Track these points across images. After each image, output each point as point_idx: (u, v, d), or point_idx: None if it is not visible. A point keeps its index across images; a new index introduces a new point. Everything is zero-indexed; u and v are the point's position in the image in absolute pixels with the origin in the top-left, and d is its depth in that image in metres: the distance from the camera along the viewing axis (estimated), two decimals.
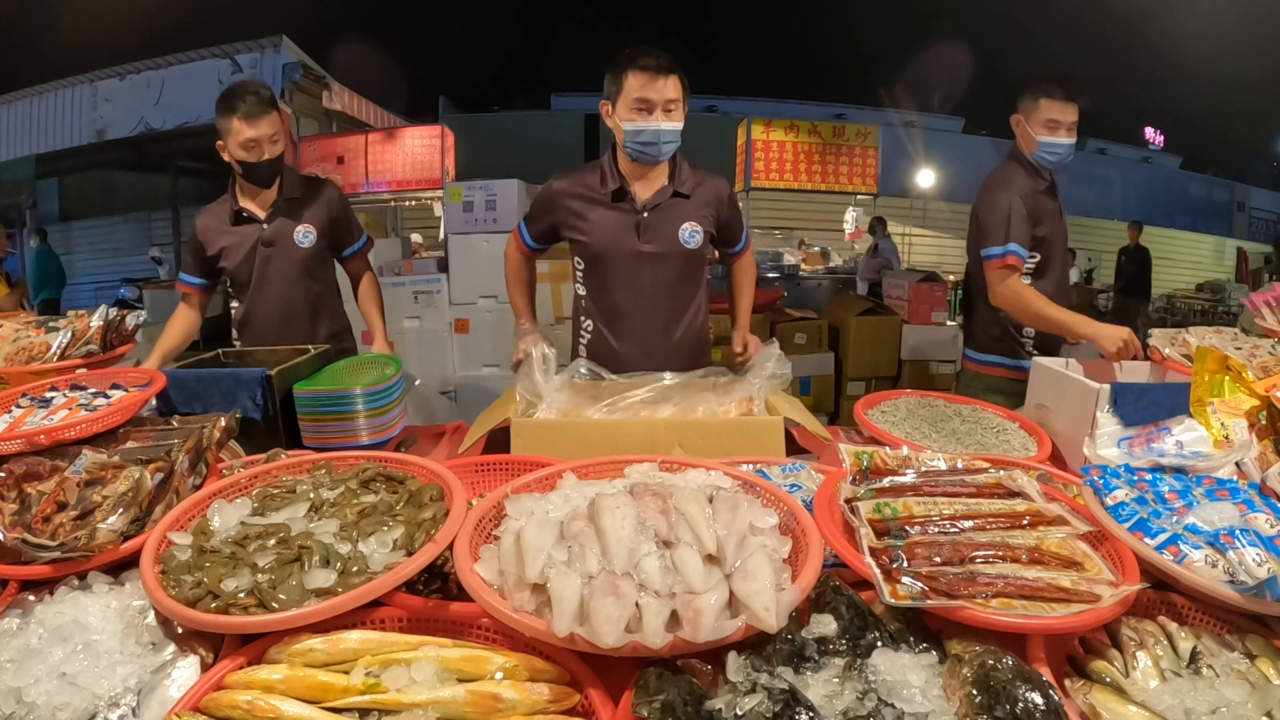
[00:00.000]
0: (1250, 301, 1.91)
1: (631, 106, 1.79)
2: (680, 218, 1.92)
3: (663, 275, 1.93)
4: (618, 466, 1.16)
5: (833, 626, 0.83)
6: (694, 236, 1.92)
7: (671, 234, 1.91)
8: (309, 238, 2.15)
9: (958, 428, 1.67)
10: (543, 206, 2.00)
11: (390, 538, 0.96)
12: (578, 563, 0.83)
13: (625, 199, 1.91)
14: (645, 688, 0.75)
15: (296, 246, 2.14)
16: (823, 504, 1.04)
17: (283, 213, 2.14)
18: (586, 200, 1.93)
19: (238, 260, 2.13)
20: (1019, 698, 0.69)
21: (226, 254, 2.14)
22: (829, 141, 6.02)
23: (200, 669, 0.84)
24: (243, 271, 2.14)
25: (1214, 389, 1.35)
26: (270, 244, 2.13)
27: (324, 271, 2.25)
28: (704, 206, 1.95)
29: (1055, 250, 2.23)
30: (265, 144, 2.03)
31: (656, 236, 1.91)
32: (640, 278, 1.92)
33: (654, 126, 1.79)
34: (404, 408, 1.71)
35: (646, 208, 1.91)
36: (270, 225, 2.13)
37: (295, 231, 2.13)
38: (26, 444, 1.17)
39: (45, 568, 0.97)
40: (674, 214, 1.92)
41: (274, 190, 2.14)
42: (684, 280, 1.97)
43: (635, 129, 1.80)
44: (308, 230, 2.15)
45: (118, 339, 1.82)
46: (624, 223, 1.90)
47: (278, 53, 6.13)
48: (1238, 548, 0.90)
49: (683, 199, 1.93)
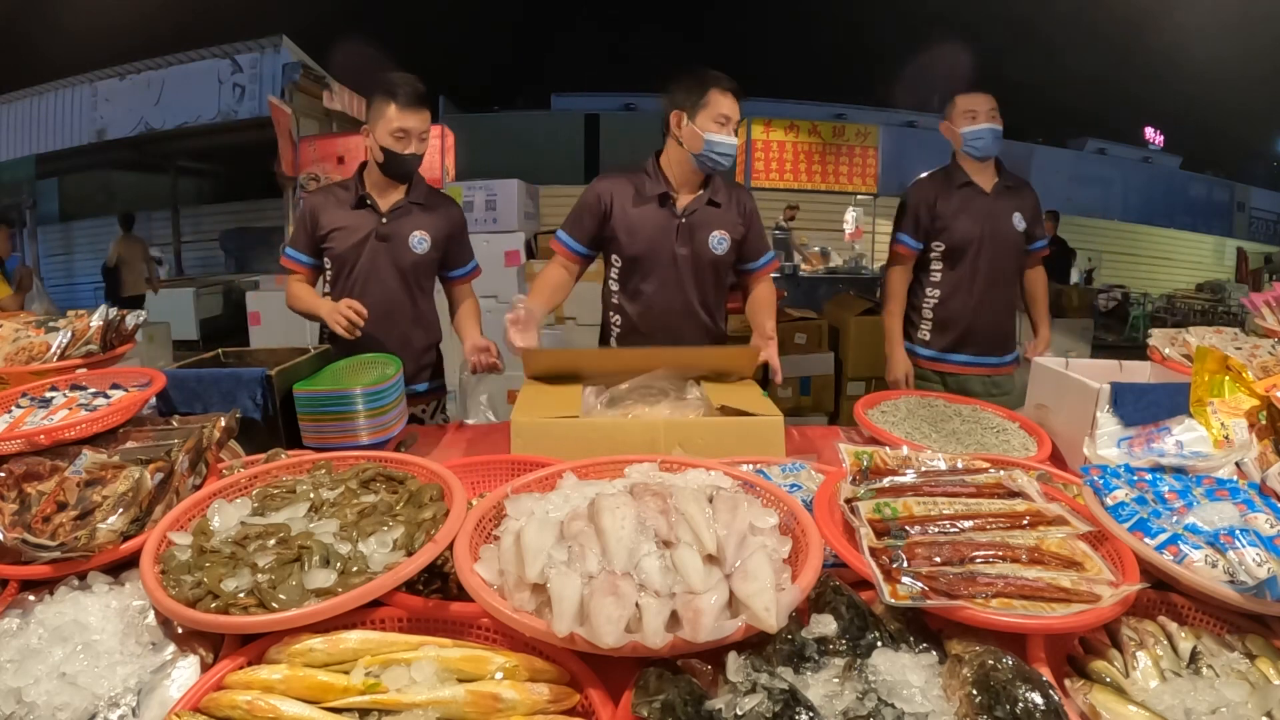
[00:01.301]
0: (1250, 301, 1.91)
1: (716, 120, 1.97)
2: (712, 225, 2.07)
3: (693, 278, 2.09)
4: (618, 466, 1.16)
5: (833, 626, 0.83)
6: (721, 244, 2.08)
7: (704, 239, 2.07)
8: (424, 245, 2.11)
9: (958, 428, 1.67)
10: (589, 206, 2.10)
11: (390, 538, 0.96)
12: (578, 563, 0.83)
13: (668, 203, 2.06)
14: (645, 688, 0.75)
15: (410, 250, 2.10)
16: (823, 504, 1.04)
17: (405, 214, 2.10)
18: (631, 201, 2.07)
19: (348, 245, 2.07)
20: (1019, 698, 0.69)
21: (337, 236, 2.08)
22: (829, 141, 6.03)
23: (200, 669, 0.84)
24: (350, 258, 2.08)
25: (1214, 389, 1.34)
26: (386, 239, 2.08)
27: (428, 283, 2.21)
28: (733, 217, 2.11)
29: (967, 243, 2.38)
30: (414, 138, 2.00)
31: (691, 240, 2.06)
32: (673, 278, 2.07)
33: (731, 140, 2.00)
34: (404, 408, 1.71)
35: (685, 213, 2.06)
36: (389, 221, 2.08)
37: (412, 235, 2.09)
38: (26, 444, 1.17)
39: (45, 568, 0.97)
40: (707, 221, 2.07)
41: (402, 192, 2.11)
42: (714, 285, 2.14)
43: (718, 140, 1.98)
44: (424, 237, 2.11)
45: (118, 339, 1.82)
46: (666, 225, 2.05)
47: (278, 53, 6.14)
48: (1238, 548, 0.90)
49: (715, 208, 2.09)
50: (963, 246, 2.38)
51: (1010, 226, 2.38)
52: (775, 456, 1.40)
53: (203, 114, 7.02)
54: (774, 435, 1.48)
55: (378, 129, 1.99)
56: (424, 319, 2.21)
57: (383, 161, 2.03)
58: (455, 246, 2.23)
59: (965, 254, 2.38)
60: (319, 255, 2.12)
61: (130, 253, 7.90)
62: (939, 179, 2.45)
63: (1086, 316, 5.81)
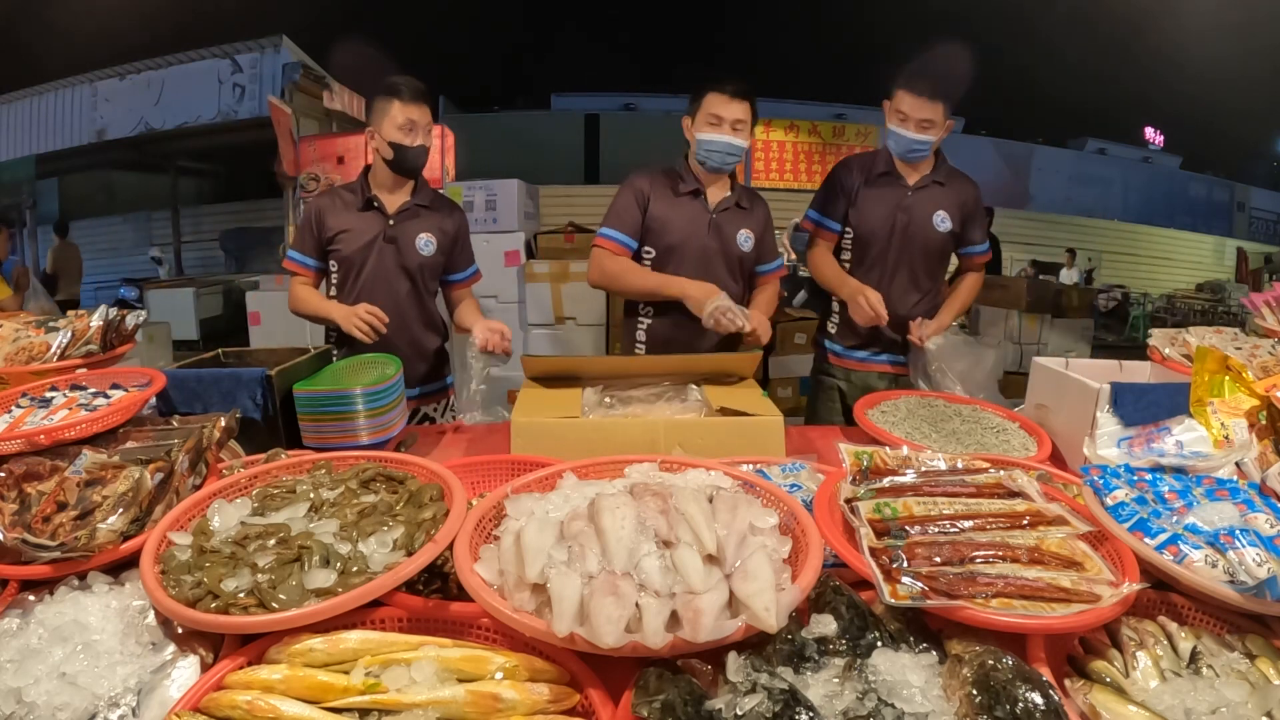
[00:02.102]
0: (1250, 301, 1.91)
1: (708, 120, 2.03)
2: (739, 223, 2.16)
3: (724, 270, 2.15)
4: (618, 466, 1.16)
5: (833, 626, 0.83)
6: (748, 242, 2.17)
7: (732, 235, 2.14)
8: (430, 247, 2.12)
9: (958, 428, 1.67)
10: (633, 198, 2.15)
11: (390, 538, 0.96)
12: (578, 563, 0.83)
13: (700, 198, 2.13)
14: (645, 688, 0.75)
15: (417, 252, 2.11)
16: (823, 504, 1.04)
17: (411, 216, 2.11)
18: (667, 193, 2.14)
19: (355, 247, 2.07)
20: (1019, 698, 0.69)
21: (344, 238, 2.07)
22: (829, 141, 6.03)
23: (200, 669, 0.84)
24: (357, 260, 2.08)
25: (1214, 389, 1.34)
26: (393, 241, 2.08)
27: (434, 285, 2.21)
28: (755, 219, 2.20)
29: (872, 236, 2.23)
30: (420, 130, 2.02)
31: (720, 235, 2.14)
32: (705, 271, 2.11)
33: (721, 139, 2.03)
34: (404, 408, 1.71)
35: (716, 209, 2.14)
36: (396, 223, 2.09)
37: (419, 238, 2.11)
38: (26, 444, 1.17)
39: (45, 568, 0.97)
40: (735, 219, 2.16)
41: (408, 193, 2.12)
42: (742, 281, 2.21)
43: (707, 139, 2.04)
44: (430, 240, 2.12)
45: (118, 339, 1.82)
46: (699, 219, 2.13)
47: (278, 53, 6.14)
48: (1238, 548, 0.90)
49: (742, 210, 2.18)
50: (868, 240, 2.24)
51: (929, 225, 2.20)
52: (775, 456, 1.40)
53: (203, 114, 7.03)
54: (774, 435, 1.48)
55: (383, 126, 2.00)
56: (432, 319, 2.22)
57: (392, 158, 2.03)
58: (459, 250, 2.23)
59: (871, 248, 2.24)
60: (324, 258, 2.12)
61: (65, 259, 7.93)
62: (865, 161, 2.29)
63: (1086, 316, 5.80)
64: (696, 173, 2.14)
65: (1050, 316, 5.48)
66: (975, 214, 2.28)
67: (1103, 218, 13.46)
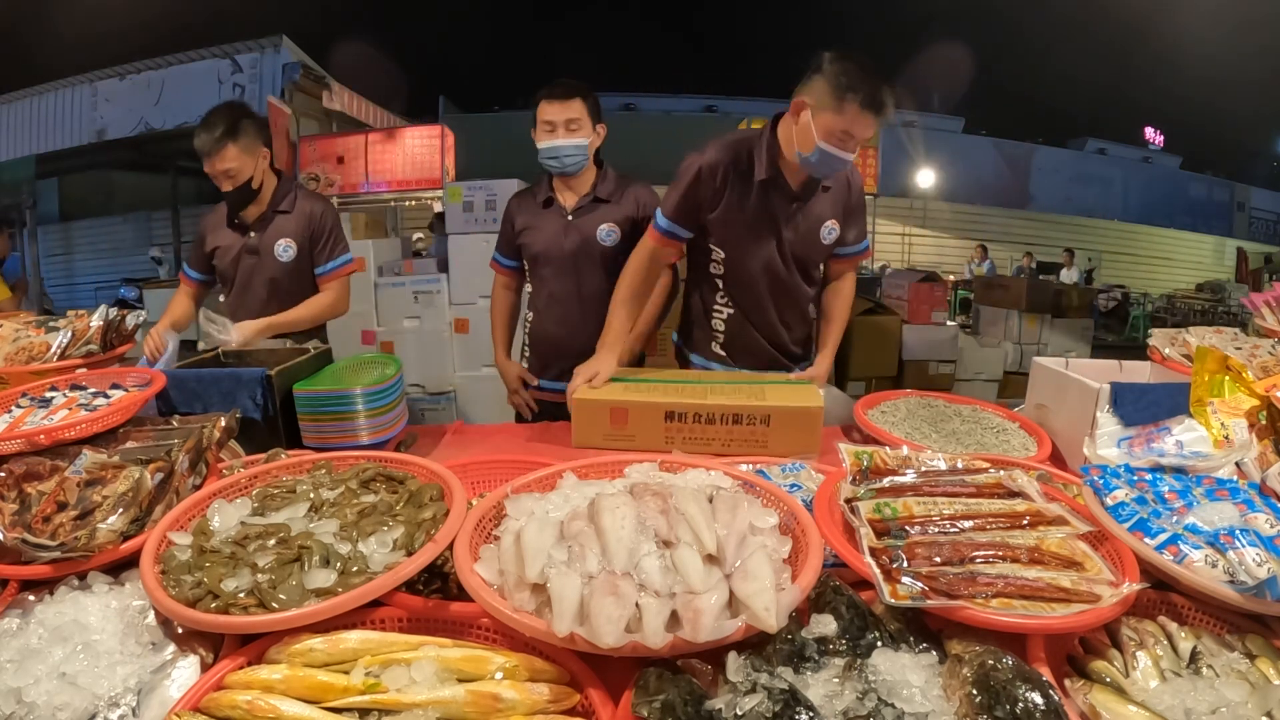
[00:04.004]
0: (1250, 301, 1.91)
1: (542, 129, 2.07)
2: (600, 218, 2.15)
3: (586, 268, 2.16)
4: (617, 466, 1.16)
5: (833, 626, 0.83)
6: (609, 235, 2.16)
7: (591, 232, 2.15)
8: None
9: (958, 428, 1.67)
10: (507, 224, 2.28)
11: (390, 538, 0.96)
12: (578, 563, 0.83)
13: (554, 205, 2.19)
14: (645, 688, 0.75)
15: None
16: (823, 504, 1.04)
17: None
18: (531, 208, 2.22)
19: (227, 261, 2.28)
20: (1019, 698, 0.69)
21: (220, 254, 2.30)
22: None
23: (200, 669, 0.84)
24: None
25: (1214, 389, 1.34)
26: (254, 253, 2.25)
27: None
28: (622, 209, 2.17)
29: (744, 255, 1.86)
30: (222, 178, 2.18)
31: (579, 235, 2.15)
32: (569, 271, 2.17)
33: (557, 143, 2.07)
34: (404, 407, 1.71)
35: (573, 211, 2.17)
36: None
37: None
38: (26, 444, 1.17)
39: (45, 568, 0.97)
40: (594, 216, 2.16)
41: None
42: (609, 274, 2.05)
43: (542, 147, 2.09)
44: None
45: (118, 339, 1.82)
46: (556, 224, 2.17)
47: (278, 53, 6.12)
48: (1238, 548, 0.90)
49: (602, 203, 2.17)
50: (743, 260, 1.87)
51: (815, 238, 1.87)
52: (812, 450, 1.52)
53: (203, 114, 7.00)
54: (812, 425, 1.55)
55: None
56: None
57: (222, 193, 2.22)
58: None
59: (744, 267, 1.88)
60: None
61: None
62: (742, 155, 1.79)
63: (1086, 316, 5.80)
64: (554, 180, 2.19)
65: (1050, 316, 5.49)
66: (858, 211, 1.95)
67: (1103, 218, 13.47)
